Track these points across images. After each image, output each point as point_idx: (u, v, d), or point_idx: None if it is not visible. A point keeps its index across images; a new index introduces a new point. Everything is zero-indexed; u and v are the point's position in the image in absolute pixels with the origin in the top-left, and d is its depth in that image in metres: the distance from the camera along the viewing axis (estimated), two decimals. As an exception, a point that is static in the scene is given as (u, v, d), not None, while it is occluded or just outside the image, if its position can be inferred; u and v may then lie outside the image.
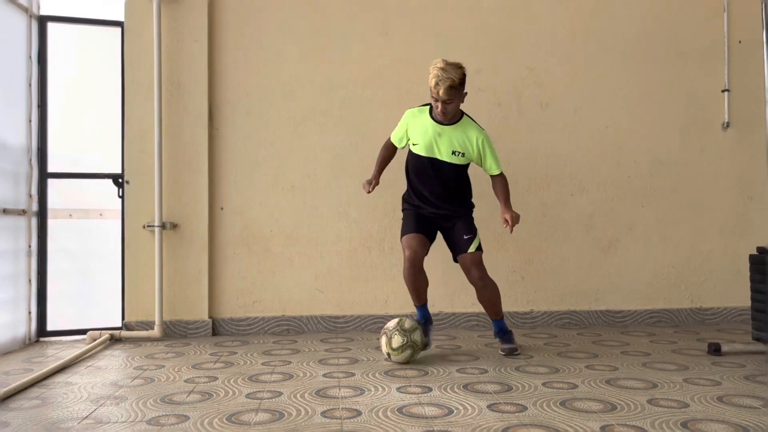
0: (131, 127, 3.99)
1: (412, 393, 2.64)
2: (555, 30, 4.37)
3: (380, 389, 2.70)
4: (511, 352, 3.37)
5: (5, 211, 3.61)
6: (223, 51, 4.14)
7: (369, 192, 3.40)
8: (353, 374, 2.98)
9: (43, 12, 4.01)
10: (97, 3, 4.18)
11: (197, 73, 4.05)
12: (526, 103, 4.34)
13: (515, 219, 3.28)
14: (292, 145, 4.18)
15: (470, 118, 3.36)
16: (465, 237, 3.36)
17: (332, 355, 3.43)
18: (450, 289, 4.24)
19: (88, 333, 3.84)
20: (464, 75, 3.18)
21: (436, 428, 2.19)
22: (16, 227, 3.74)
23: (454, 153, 3.29)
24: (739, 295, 4.27)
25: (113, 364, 3.27)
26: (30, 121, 3.90)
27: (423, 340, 3.24)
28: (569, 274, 4.33)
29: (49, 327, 3.96)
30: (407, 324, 3.18)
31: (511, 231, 3.31)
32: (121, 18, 4.04)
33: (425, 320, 3.43)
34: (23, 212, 3.81)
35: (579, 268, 4.34)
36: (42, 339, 3.94)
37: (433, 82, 3.12)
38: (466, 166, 3.40)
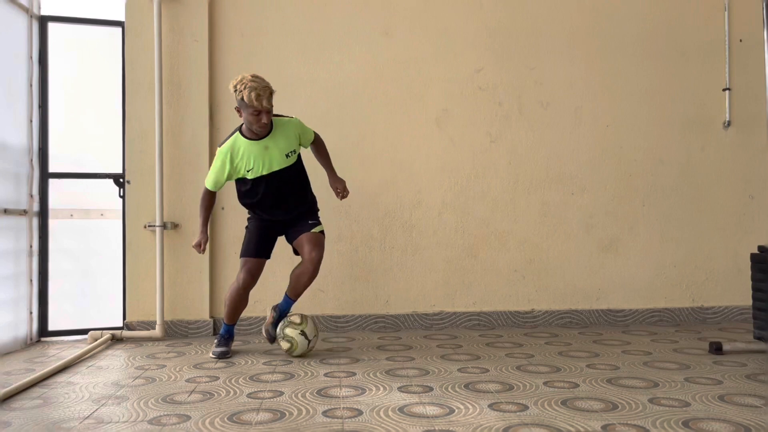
0: (132, 127, 3.99)
1: (413, 392, 2.64)
2: (556, 29, 4.37)
3: (381, 389, 2.70)
4: (269, 338, 3.45)
5: (6, 212, 3.61)
6: (223, 51, 4.14)
7: (202, 252, 3.40)
8: (354, 374, 2.98)
9: (44, 12, 4.01)
10: (98, 3, 4.19)
11: (198, 72, 4.05)
12: (526, 102, 4.34)
13: (344, 186, 3.40)
14: (292, 145, 4.17)
15: (274, 115, 3.31)
16: (309, 222, 3.40)
17: (333, 354, 3.43)
18: (450, 288, 4.24)
19: (90, 333, 3.84)
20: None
21: (437, 428, 2.19)
22: (17, 227, 3.75)
23: (287, 156, 3.30)
24: (741, 294, 4.27)
25: (114, 364, 3.27)
26: (31, 121, 3.91)
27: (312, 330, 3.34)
28: (570, 273, 4.33)
29: (51, 327, 3.96)
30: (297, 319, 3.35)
31: (342, 198, 3.42)
32: (121, 18, 4.04)
33: (230, 336, 3.51)
34: (24, 212, 3.81)
35: (580, 267, 4.34)
36: (43, 339, 3.94)
37: (253, 95, 3.06)
38: (299, 161, 3.42)
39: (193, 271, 4.02)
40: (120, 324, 4.02)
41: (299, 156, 3.43)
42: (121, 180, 4.03)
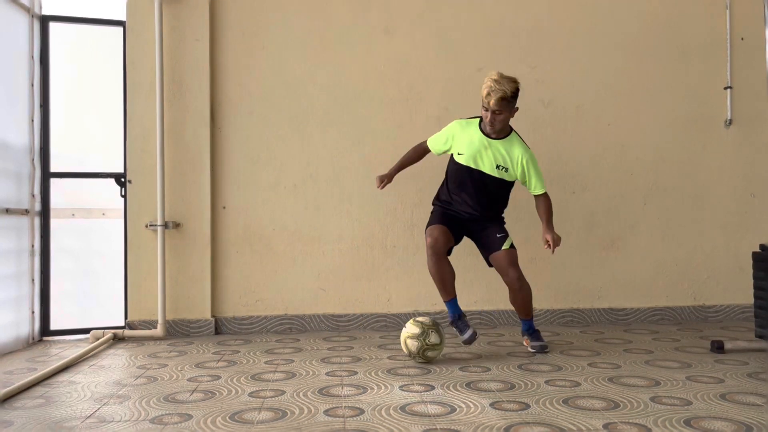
0: (133, 127, 3.99)
1: (414, 391, 2.64)
2: (557, 27, 4.36)
3: (383, 388, 2.71)
4: (542, 350, 3.37)
5: (8, 211, 3.61)
6: (224, 50, 4.14)
7: (381, 188, 3.45)
8: (356, 373, 2.98)
9: (45, 12, 4.01)
10: (99, 3, 4.19)
11: (199, 72, 4.05)
12: (527, 101, 4.30)
13: (557, 241, 3.30)
14: (294, 144, 4.18)
15: (518, 135, 3.36)
16: (498, 235, 3.37)
17: (335, 353, 3.43)
18: (452, 287, 4.24)
19: (91, 332, 3.84)
20: (518, 89, 3.20)
21: (438, 426, 2.20)
22: (19, 227, 3.75)
23: (497, 167, 3.30)
24: (742, 293, 4.26)
25: (116, 363, 3.27)
26: (32, 121, 3.91)
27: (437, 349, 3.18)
28: (572, 272, 4.33)
29: (53, 326, 3.97)
30: (428, 320, 3.23)
31: (553, 251, 3.33)
32: (122, 17, 4.04)
33: (457, 316, 3.37)
34: (26, 212, 3.81)
35: (581, 266, 4.34)
36: (45, 338, 3.95)
37: (485, 92, 3.15)
38: (509, 183, 3.40)
39: (195, 271, 4.03)
40: (122, 323, 4.02)
41: (507, 186, 3.39)
42: (123, 179, 4.03)
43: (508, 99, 3.15)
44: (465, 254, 4.25)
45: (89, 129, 4.18)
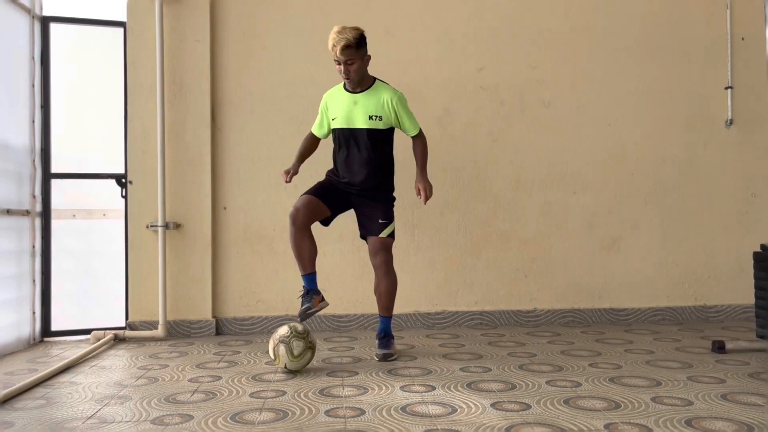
0: (134, 127, 3.99)
1: (415, 392, 2.64)
2: (557, 28, 4.36)
3: (384, 388, 2.70)
4: (385, 358, 3.23)
5: (9, 212, 3.62)
6: (225, 51, 4.14)
7: (288, 182, 3.32)
8: (357, 373, 2.98)
9: (46, 13, 4.02)
10: (99, 3, 4.19)
11: (200, 73, 4.06)
12: (528, 101, 4.33)
13: (428, 190, 3.29)
14: (294, 145, 4.14)
15: (384, 82, 3.36)
16: (381, 221, 3.33)
17: (336, 353, 3.43)
18: (453, 287, 4.24)
19: (92, 333, 3.85)
20: (362, 35, 3.19)
21: (439, 427, 2.19)
22: (19, 228, 3.75)
23: (371, 117, 3.28)
24: (743, 293, 4.25)
25: (117, 364, 3.27)
26: (33, 121, 3.91)
27: (312, 338, 3.04)
28: (572, 272, 4.33)
29: (53, 327, 3.97)
30: (300, 327, 3.03)
31: (425, 202, 3.32)
32: (123, 18, 4.04)
33: (310, 289, 3.25)
34: (27, 213, 3.82)
35: (582, 266, 4.34)
36: (46, 339, 3.95)
37: (330, 45, 3.16)
38: (387, 133, 3.35)
39: (196, 271, 4.03)
40: (122, 324, 4.03)
41: (388, 133, 3.36)
42: (124, 180, 4.03)
43: (352, 46, 3.13)
44: (466, 255, 4.27)
45: (90, 130, 4.19)
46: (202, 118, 4.06)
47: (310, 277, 3.27)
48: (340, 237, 4.17)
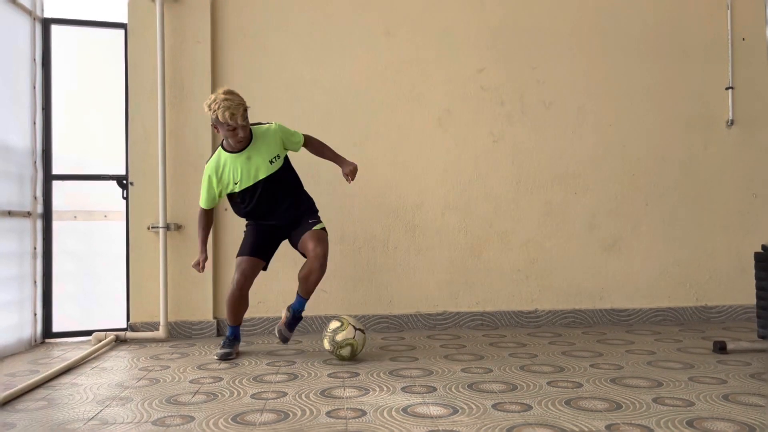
0: (135, 129, 4.00)
1: (416, 393, 2.64)
2: (558, 28, 4.36)
3: (385, 389, 2.70)
4: (283, 338, 3.42)
5: (10, 214, 3.62)
6: (226, 52, 4.14)
7: (201, 270, 3.44)
8: (358, 374, 2.98)
9: (47, 15, 4.02)
10: (100, 5, 4.20)
11: (201, 74, 4.06)
12: (529, 102, 4.33)
13: (352, 166, 3.37)
14: (295, 146, 4.18)
15: (251, 124, 3.33)
16: (309, 221, 3.38)
17: (337, 355, 3.43)
18: (454, 288, 4.24)
19: (94, 334, 3.85)
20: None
21: (440, 428, 2.19)
22: (21, 229, 3.76)
23: (271, 162, 3.31)
24: (744, 293, 4.26)
25: (118, 365, 3.27)
26: (34, 123, 3.92)
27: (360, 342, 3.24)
28: (573, 272, 4.33)
29: (55, 328, 3.98)
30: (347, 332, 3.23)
31: (351, 179, 3.38)
32: (124, 20, 4.05)
33: (234, 337, 3.47)
34: (28, 214, 3.82)
35: (583, 266, 4.34)
36: (47, 340, 3.95)
37: (228, 114, 3.10)
38: (288, 164, 3.42)
39: (197, 273, 4.01)
40: (124, 325, 4.03)
41: (286, 160, 3.43)
42: (125, 181, 4.03)
43: (246, 107, 3.18)
44: (467, 256, 4.27)
45: (91, 131, 4.19)
46: (203, 119, 4.06)
47: (237, 328, 3.49)
48: (342, 238, 4.17)
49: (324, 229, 3.42)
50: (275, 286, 4.13)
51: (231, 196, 3.42)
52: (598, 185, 4.36)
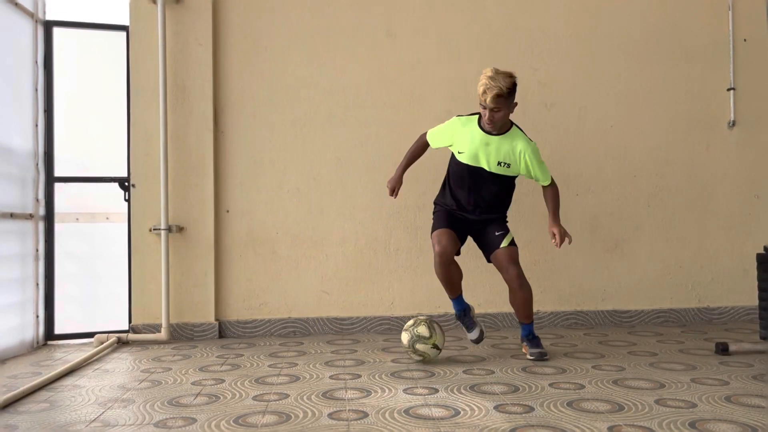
0: (137, 131, 4.00)
1: (418, 394, 2.64)
2: (559, 29, 4.36)
3: (387, 391, 2.70)
4: (541, 357, 3.26)
5: (12, 216, 3.62)
6: (227, 54, 4.15)
7: (394, 196, 3.43)
8: (360, 376, 2.98)
9: (49, 17, 4.03)
10: (102, 7, 4.20)
11: (202, 76, 4.06)
12: (530, 103, 4.33)
13: (563, 234, 3.25)
14: (297, 148, 4.19)
15: (520, 129, 3.30)
16: (497, 234, 3.32)
17: (338, 356, 3.43)
18: (456, 290, 4.23)
19: (96, 336, 3.85)
20: (514, 84, 3.12)
21: (442, 429, 2.19)
22: (23, 231, 3.76)
23: (499, 164, 3.24)
24: (747, 295, 4.25)
25: (120, 367, 3.28)
26: (36, 125, 3.92)
27: (433, 351, 3.19)
28: (575, 274, 4.33)
29: (57, 330, 3.98)
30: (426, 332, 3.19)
31: (559, 246, 3.27)
32: (125, 22, 4.05)
33: (463, 310, 3.40)
34: (30, 216, 3.83)
35: (585, 268, 4.33)
36: (50, 342, 3.95)
37: (481, 90, 3.07)
38: (512, 180, 3.36)
39: (199, 274, 4.03)
40: (126, 327, 4.03)
41: (510, 181, 3.35)
42: (126, 183, 4.04)
43: (504, 96, 3.07)
44: (468, 256, 4.25)
45: (93, 133, 4.20)
46: (204, 122, 4.07)
47: (460, 298, 3.40)
48: (343, 240, 4.18)
49: (514, 242, 3.34)
50: (277, 288, 4.13)
51: (452, 161, 3.36)
52: (599, 186, 4.36)
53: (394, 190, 3.46)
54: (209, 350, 3.66)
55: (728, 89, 4.42)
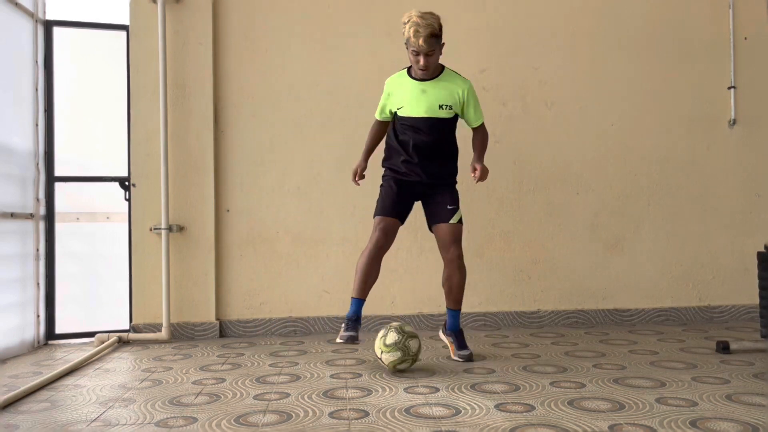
0: (137, 130, 4.00)
1: (419, 393, 2.64)
2: (559, 28, 4.36)
3: (388, 390, 2.70)
4: (470, 359, 3.20)
5: (13, 216, 3.63)
6: (228, 53, 4.15)
7: (358, 183, 3.34)
8: (360, 375, 2.98)
9: (49, 17, 4.03)
10: (102, 7, 4.20)
11: (202, 75, 4.06)
12: (531, 102, 4.33)
13: (485, 171, 3.19)
14: (297, 147, 4.19)
15: (452, 70, 3.24)
16: (449, 207, 3.24)
17: (339, 355, 3.43)
18: (456, 289, 4.23)
19: (96, 336, 3.85)
20: (441, 24, 3.05)
21: (443, 428, 2.19)
22: (23, 231, 3.76)
23: (441, 107, 3.17)
24: (747, 293, 4.24)
25: (121, 367, 3.28)
26: (36, 125, 3.92)
27: (417, 349, 3.01)
28: (576, 273, 4.32)
29: (58, 330, 3.98)
30: (407, 327, 3.08)
31: (476, 181, 3.21)
32: (126, 22, 4.05)
33: (356, 317, 3.17)
34: (31, 216, 3.83)
35: (586, 267, 4.33)
36: (50, 342, 3.96)
37: (411, 32, 2.95)
38: (454, 122, 3.28)
39: (199, 274, 4.03)
40: (126, 327, 4.03)
41: (454, 122, 3.26)
42: (127, 183, 4.04)
43: (438, 35, 2.99)
44: (469, 256, 4.25)
45: (93, 133, 4.20)
46: (204, 121, 4.07)
47: (360, 302, 3.23)
48: (343, 239, 4.17)
49: (461, 220, 3.27)
50: (278, 287, 4.13)
51: (393, 121, 3.29)
52: (600, 185, 4.35)
53: (356, 174, 3.35)
54: (210, 349, 3.66)
55: (729, 88, 4.41)
